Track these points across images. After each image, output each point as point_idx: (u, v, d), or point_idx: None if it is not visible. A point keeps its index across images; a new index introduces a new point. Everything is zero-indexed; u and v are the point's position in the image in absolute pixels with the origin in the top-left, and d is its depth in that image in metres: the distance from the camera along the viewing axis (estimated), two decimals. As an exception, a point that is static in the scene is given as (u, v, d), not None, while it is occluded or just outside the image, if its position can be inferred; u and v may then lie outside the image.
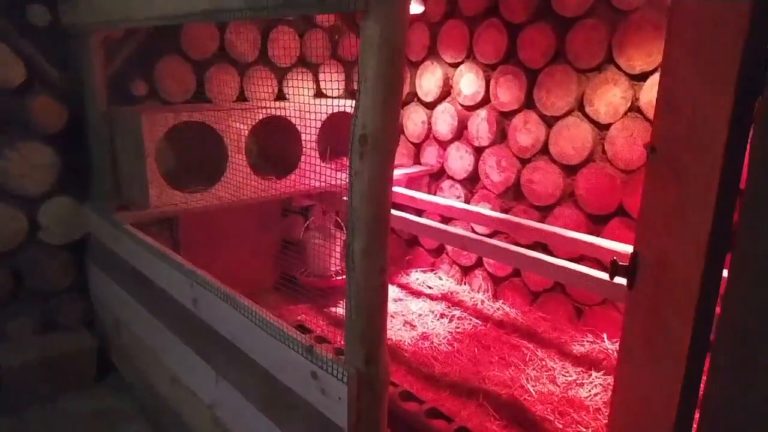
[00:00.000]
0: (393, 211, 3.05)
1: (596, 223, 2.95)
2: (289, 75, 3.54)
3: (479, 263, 3.60)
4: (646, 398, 1.23)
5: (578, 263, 2.66)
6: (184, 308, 2.04)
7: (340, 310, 3.34)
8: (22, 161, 2.68)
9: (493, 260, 3.34)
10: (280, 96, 3.54)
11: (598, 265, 2.90)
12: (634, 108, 2.74)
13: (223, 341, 1.83)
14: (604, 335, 2.90)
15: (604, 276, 2.26)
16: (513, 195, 3.32)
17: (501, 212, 3.36)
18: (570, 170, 3.02)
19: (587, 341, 2.90)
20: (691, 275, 1.10)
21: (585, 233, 2.94)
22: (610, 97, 2.80)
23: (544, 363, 2.74)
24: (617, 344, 2.82)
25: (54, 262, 2.87)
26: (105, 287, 2.74)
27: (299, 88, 3.58)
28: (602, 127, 2.87)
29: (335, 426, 1.34)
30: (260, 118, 2.94)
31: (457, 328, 3.13)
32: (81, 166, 2.86)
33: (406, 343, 2.98)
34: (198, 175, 3.03)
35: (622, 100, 2.77)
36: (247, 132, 2.91)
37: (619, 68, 2.76)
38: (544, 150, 3.12)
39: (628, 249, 2.50)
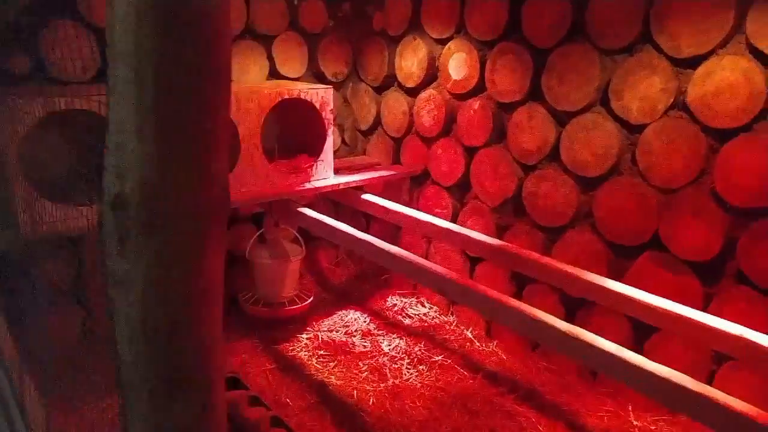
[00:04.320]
0: (355, 233, 2.34)
1: (620, 256, 2.24)
2: (233, 49, 2.80)
3: (470, 288, 2.90)
4: None
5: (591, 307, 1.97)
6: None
7: (291, 347, 2.68)
8: None
9: (484, 316, 2.57)
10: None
11: (620, 320, 2.19)
12: (679, 104, 2.01)
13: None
14: (629, 407, 2.21)
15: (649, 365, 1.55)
16: (513, 210, 2.61)
17: (497, 229, 2.66)
18: (587, 183, 2.30)
19: (607, 412, 2.22)
20: None
21: (605, 266, 2.25)
22: (645, 89, 2.07)
23: (547, 443, 2.07)
24: (649, 423, 2.14)
25: None
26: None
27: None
28: (633, 129, 2.14)
29: None
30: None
31: (438, 381, 2.46)
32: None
33: (370, 402, 2.31)
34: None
35: (661, 93, 2.03)
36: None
37: (659, 49, 2.02)
38: (554, 155, 2.39)
39: (665, 304, 1.81)
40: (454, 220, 2.84)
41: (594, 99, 2.22)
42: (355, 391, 2.37)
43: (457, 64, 2.68)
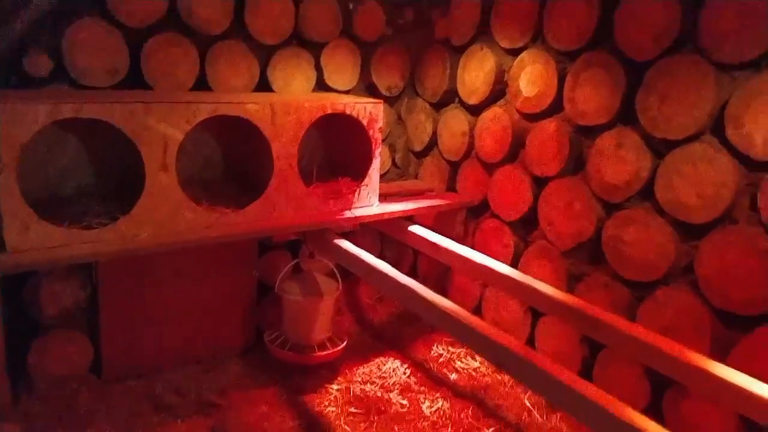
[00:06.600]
0: (395, 275, 1.95)
1: (731, 327, 1.75)
2: (277, 57, 2.52)
3: (530, 342, 2.46)
4: None
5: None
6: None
7: (319, 399, 2.31)
8: None
9: (546, 399, 2.06)
10: (263, 86, 2.53)
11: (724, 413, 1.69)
12: (824, 136, 1.53)
13: None
14: None
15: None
16: (589, 256, 2.16)
17: (568, 278, 2.22)
18: (689, 231, 1.83)
19: None
20: None
21: (707, 338, 1.76)
22: (776, 115, 1.60)
23: None
24: None
25: None
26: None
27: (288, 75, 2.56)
28: (756, 166, 1.67)
29: None
30: (203, 117, 1.94)
31: (486, 460, 2.02)
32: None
33: (401, 481, 1.91)
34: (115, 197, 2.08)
35: (800, 120, 1.56)
36: (181, 138, 1.92)
37: (801, 64, 1.56)
38: (647, 193, 1.94)
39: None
40: (515, 262, 2.42)
41: (704, 126, 1.76)
42: (384, 465, 1.98)
43: (531, 78, 2.28)
